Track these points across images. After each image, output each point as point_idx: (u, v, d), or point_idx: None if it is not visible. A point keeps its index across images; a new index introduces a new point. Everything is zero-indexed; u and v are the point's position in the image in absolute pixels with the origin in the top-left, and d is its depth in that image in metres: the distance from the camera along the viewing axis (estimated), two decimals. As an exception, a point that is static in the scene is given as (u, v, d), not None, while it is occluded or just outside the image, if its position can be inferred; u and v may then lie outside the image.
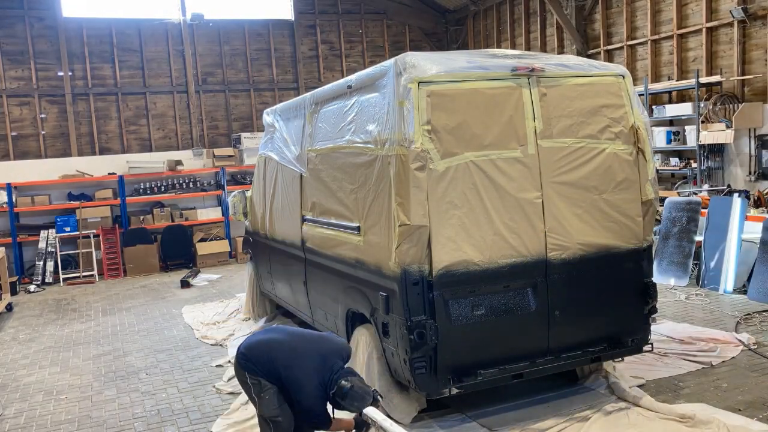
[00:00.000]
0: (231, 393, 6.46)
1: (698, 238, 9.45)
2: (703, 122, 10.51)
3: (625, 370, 6.16)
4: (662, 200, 9.85)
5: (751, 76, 10.27)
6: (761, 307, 8.06)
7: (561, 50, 14.18)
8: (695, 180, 10.79)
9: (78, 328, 9.56)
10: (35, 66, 14.48)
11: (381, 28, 17.45)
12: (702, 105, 10.58)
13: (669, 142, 11.29)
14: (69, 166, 14.24)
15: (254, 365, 4.51)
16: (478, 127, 5.04)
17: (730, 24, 10.51)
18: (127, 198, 14.29)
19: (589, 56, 13.07)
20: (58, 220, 13.67)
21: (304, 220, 6.90)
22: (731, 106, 10.38)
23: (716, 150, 10.74)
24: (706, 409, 5.29)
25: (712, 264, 9.14)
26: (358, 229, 5.58)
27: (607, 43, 13.11)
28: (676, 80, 11.42)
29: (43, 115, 14.57)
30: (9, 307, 10.96)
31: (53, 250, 13.46)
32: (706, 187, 10.46)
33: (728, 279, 8.93)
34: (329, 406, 4.55)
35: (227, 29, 16.02)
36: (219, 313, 9.70)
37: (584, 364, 5.73)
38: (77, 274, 13.58)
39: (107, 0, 15.12)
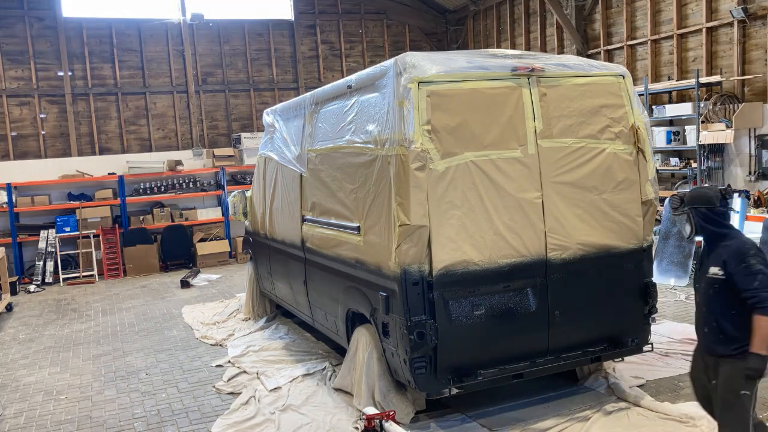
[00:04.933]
0: (231, 393, 6.46)
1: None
2: (703, 122, 10.51)
3: (625, 370, 6.16)
4: (662, 200, 9.85)
5: (751, 76, 10.27)
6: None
7: (561, 50, 14.18)
8: (695, 180, 10.79)
9: (78, 328, 9.56)
10: (35, 66, 14.48)
11: (381, 28, 17.45)
12: (702, 105, 10.58)
13: (669, 142, 11.29)
14: (69, 166, 14.24)
15: None
16: (478, 127, 5.04)
17: (730, 24, 10.51)
18: (127, 198, 14.29)
19: (589, 56, 13.07)
20: (58, 220, 13.67)
21: (304, 220, 6.90)
22: (731, 106, 10.38)
23: (716, 150, 10.74)
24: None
25: (712, 264, 9.12)
26: (358, 229, 5.58)
27: (607, 43, 13.11)
28: (676, 80, 11.42)
29: (43, 115, 14.57)
30: (9, 307, 10.96)
31: (53, 250, 13.46)
32: (706, 187, 10.45)
33: (728, 279, 8.91)
34: None
35: (227, 29, 16.03)
36: (219, 313, 9.70)
37: (584, 364, 5.73)
38: (77, 274, 13.58)
39: (107, 0, 15.13)
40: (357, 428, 5.34)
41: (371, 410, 4.74)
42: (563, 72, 5.42)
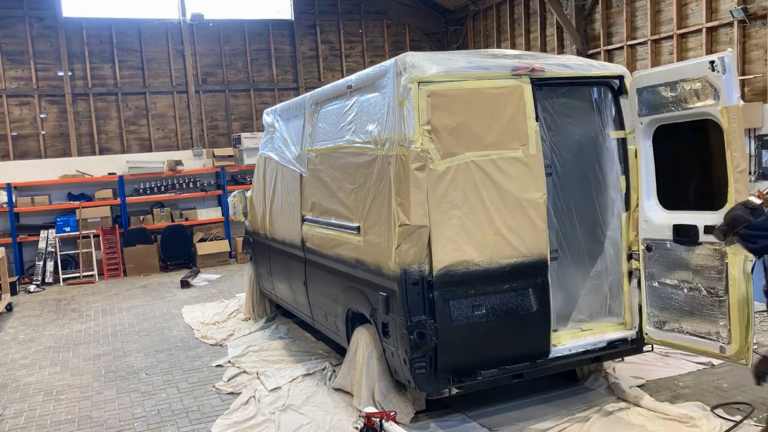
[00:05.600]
0: (231, 393, 6.46)
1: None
2: (703, 122, 10.50)
3: (625, 369, 6.16)
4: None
5: (751, 76, 10.27)
6: (761, 307, 8.06)
7: (561, 50, 14.18)
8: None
9: (78, 328, 9.56)
10: (35, 66, 14.48)
11: (381, 28, 17.45)
12: (702, 105, 10.57)
13: (669, 142, 11.28)
14: (69, 166, 14.24)
15: None
16: (479, 127, 5.04)
17: (730, 24, 10.51)
18: (127, 198, 14.29)
19: (589, 56, 13.07)
20: (58, 220, 13.67)
21: (304, 220, 6.90)
22: (731, 106, 10.37)
23: (716, 150, 10.73)
24: (702, 408, 5.30)
25: (712, 264, 9.11)
26: (358, 229, 5.58)
27: (607, 43, 13.11)
28: (676, 80, 11.40)
29: (43, 115, 14.57)
30: (9, 307, 10.96)
31: (53, 250, 13.46)
32: (706, 187, 10.45)
33: (728, 279, 8.90)
34: None
35: (227, 29, 16.03)
36: (219, 313, 9.70)
37: (584, 364, 5.72)
38: (77, 274, 13.58)
39: (107, 0, 15.13)
40: (357, 428, 5.34)
41: (371, 409, 4.74)
42: (563, 72, 5.42)
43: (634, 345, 5.62)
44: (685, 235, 4.83)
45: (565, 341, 5.43)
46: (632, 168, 5.49)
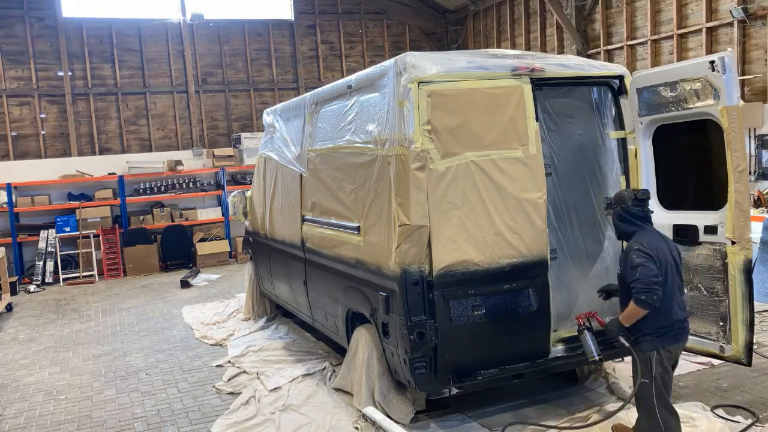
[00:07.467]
0: (231, 393, 6.46)
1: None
2: (703, 122, 10.51)
3: (625, 370, 6.15)
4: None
5: (751, 76, 10.28)
6: (761, 307, 8.06)
7: (561, 50, 14.18)
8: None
9: (78, 328, 9.56)
10: (35, 66, 14.48)
11: (381, 28, 17.46)
12: (702, 105, 10.58)
13: (669, 142, 11.29)
14: (69, 166, 14.24)
15: None
16: (479, 127, 5.03)
17: (730, 24, 10.51)
18: (127, 198, 14.29)
19: (589, 56, 13.07)
20: (58, 220, 13.67)
21: (304, 220, 6.90)
22: (731, 106, 10.37)
23: (716, 150, 10.73)
24: (702, 408, 5.30)
25: (712, 264, 9.11)
26: (358, 229, 5.58)
27: (607, 43, 13.12)
28: (676, 80, 11.41)
29: (43, 115, 14.58)
30: (9, 307, 10.95)
31: (53, 250, 13.46)
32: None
33: (728, 279, 8.90)
34: None
35: (227, 29, 16.03)
36: (219, 313, 9.70)
37: (584, 364, 5.72)
38: (77, 274, 13.58)
39: (107, 0, 15.13)
40: (357, 428, 5.34)
41: (370, 410, 4.73)
42: (563, 72, 5.42)
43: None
44: (684, 235, 4.84)
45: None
46: (632, 168, 5.50)
